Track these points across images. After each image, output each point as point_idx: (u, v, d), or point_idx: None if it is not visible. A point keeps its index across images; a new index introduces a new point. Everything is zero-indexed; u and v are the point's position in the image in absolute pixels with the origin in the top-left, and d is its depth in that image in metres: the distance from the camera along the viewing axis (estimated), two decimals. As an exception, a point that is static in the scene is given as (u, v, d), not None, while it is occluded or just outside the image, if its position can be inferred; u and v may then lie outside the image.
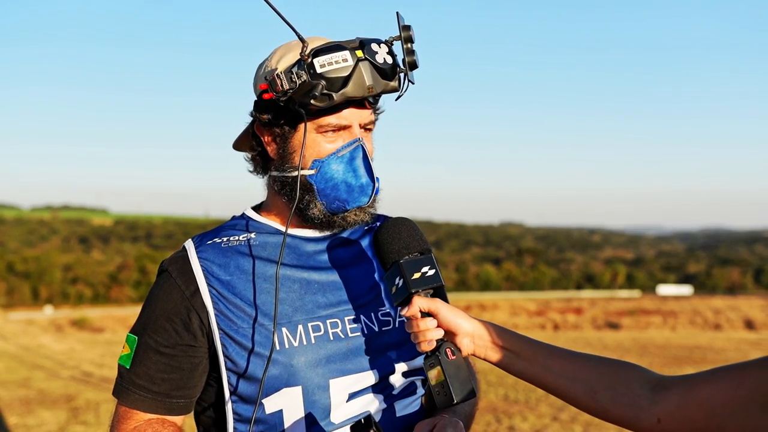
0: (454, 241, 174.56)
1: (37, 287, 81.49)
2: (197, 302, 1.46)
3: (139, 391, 1.47)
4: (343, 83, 1.40)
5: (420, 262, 1.39)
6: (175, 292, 1.47)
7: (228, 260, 1.50)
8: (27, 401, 11.62)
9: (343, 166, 1.48)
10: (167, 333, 1.46)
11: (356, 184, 1.49)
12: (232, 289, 1.47)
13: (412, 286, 1.36)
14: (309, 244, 1.55)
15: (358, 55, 1.42)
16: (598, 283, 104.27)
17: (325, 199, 1.50)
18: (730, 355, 24.39)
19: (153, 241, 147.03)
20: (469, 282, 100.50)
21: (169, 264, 1.52)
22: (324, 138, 1.49)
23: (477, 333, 1.39)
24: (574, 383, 1.35)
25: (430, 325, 1.37)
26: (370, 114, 1.53)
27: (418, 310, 1.37)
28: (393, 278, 1.40)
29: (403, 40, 1.46)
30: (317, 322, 1.49)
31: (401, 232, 1.43)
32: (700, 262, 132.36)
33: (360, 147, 1.49)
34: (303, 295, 1.50)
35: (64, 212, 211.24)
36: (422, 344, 1.37)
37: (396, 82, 1.48)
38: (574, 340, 32.34)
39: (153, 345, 1.47)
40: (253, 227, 1.57)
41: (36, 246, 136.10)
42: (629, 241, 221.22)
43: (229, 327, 1.45)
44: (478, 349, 1.40)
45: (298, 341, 1.45)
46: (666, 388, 1.27)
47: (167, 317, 1.47)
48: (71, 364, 17.49)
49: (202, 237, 1.56)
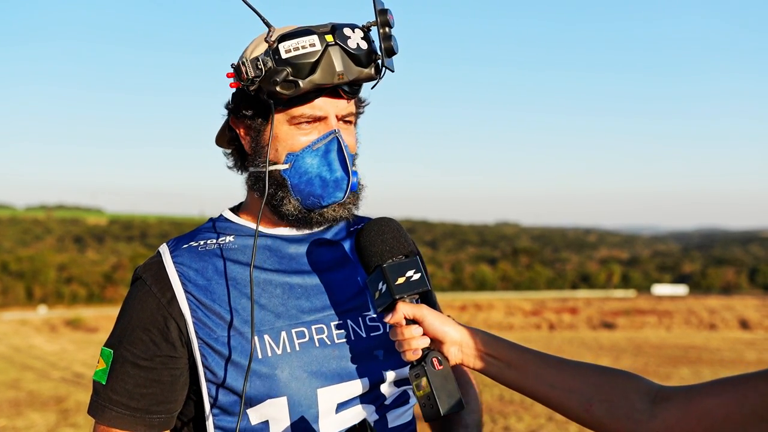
0: (450, 240, 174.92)
1: (31, 287, 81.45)
2: (174, 310, 1.38)
3: (117, 408, 1.39)
4: (311, 69, 1.33)
5: (404, 265, 1.32)
6: (150, 300, 1.40)
7: (205, 264, 1.42)
8: (16, 403, 11.54)
9: (318, 159, 1.40)
10: (144, 344, 1.38)
11: (330, 179, 1.41)
12: (209, 295, 1.39)
13: (396, 292, 1.29)
14: (291, 246, 1.48)
15: (328, 40, 1.34)
16: (593, 282, 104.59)
17: (299, 195, 1.42)
18: (725, 354, 24.41)
19: (148, 241, 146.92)
20: (465, 282, 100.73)
21: (143, 271, 1.44)
22: (298, 130, 1.41)
23: (465, 341, 1.33)
24: (568, 394, 1.29)
25: (416, 333, 1.30)
26: (349, 105, 1.44)
27: (403, 317, 1.31)
28: (376, 283, 1.33)
29: (379, 24, 1.38)
30: (301, 327, 1.41)
31: (384, 233, 1.36)
32: (695, 262, 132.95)
33: (336, 139, 1.41)
34: (286, 300, 1.42)
35: (58, 212, 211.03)
36: (407, 353, 1.31)
37: (372, 69, 1.39)
38: (569, 340, 32.35)
39: (130, 358, 1.39)
40: (231, 229, 1.50)
41: (30, 245, 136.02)
42: (624, 241, 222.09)
43: (208, 335, 1.37)
44: (467, 359, 1.33)
45: (281, 349, 1.38)
46: (666, 400, 1.21)
47: (144, 327, 1.39)
48: (62, 365, 17.41)
49: (178, 241, 1.48)
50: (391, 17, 1.39)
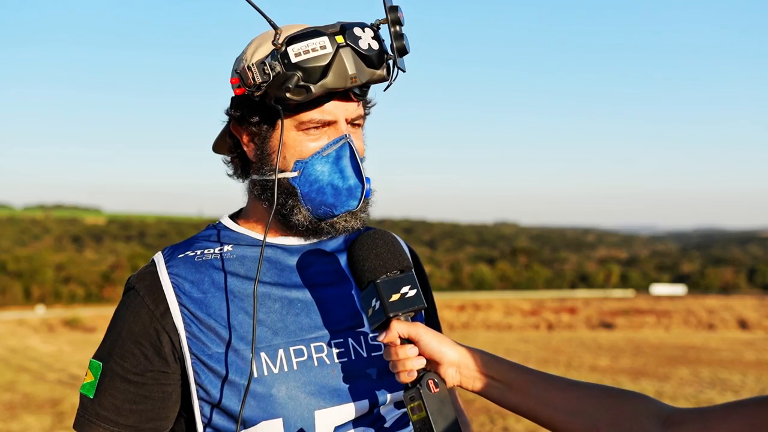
0: (448, 240, 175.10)
1: (29, 287, 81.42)
2: (168, 323, 1.32)
3: (104, 424, 1.33)
4: (323, 73, 1.26)
5: (399, 281, 1.25)
6: (143, 312, 1.34)
7: (201, 276, 1.36)
8: (11, 405, 11.47)
9: (329, 166, 1.34)
10: (136, 358, 1.33)
11: (343, 187, 1.35)
12: (205, 308, 1.33)
13: (390, 309, 1.23)
14: (292, 257, 1.40)
15: (339, 41, 1.28)
16: (592, 282, 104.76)
17: (310, 204, 1.36)
18: (724, 355, 24.37)
19: (146, 241, 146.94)
20: (464, 281, 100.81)
21: (136, 280, 1.37)
22: (307, 136, 1.34)
23: (463, 362, 1.26)
24: (574, 417, 1.22)
25: (410, 353, 1.23)
26: (358, 107, 1.37)
27: (397, 336, 1.24)
28: (369, 300, 1.26)
29: (390, 22, 1.32)
30: (300, 345, 1.34)
31: (377, 246, 1.29)
32: (693, 262, 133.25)
33: (347, 145, 1.35)
34: (284, 316, 1.35)
35: (56, 211, 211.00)
36: (402, 375, 1.24)
37: (384, 70, 1.33)
38: (568, 340, 32.32)
39: (120, 372, 1.33)
40: (231, 238, 1.42)
41: (28, 245, 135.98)
42: (623, 241, 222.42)
43: (202, 352, 1.31)
44: (465, 381, 1.26)
45: (278, 368, 1.31)
46: (678, 425, 1.15)
47: (135, 340, 1.33)
48: (58, 366, 17.35)
49: (174, 250, 1.41)
50: (402, 14, 1.32)
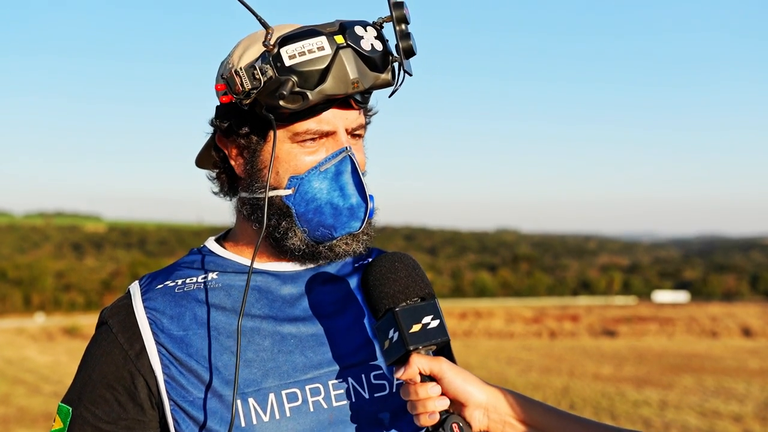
0: (450, 247, 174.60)
1: (29, 294, 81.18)
2: (144, 365, 1.19)
3: None
4: (321, 78, 1.12)
5: (420, 310, 1.12)
6: (116, 351, 1.21)
7: (182, 310, 1.22)
8: (5, 419, 11.25)
9: (328, 183, 1.21)
10: (108, 404, 1.20)
11: (344, 206, 1.21)
12: (186, 348, 1.19)
13: (411, 342, 1.10)
14: (285, 286, 1.27)
15: (338, 42, 1.14)
16: (593, 289, 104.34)
17: (306, 226, 1.22)
18: (728, 363, 24.12)
19: (146, 248, 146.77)
20: (465, 289, 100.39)
21: (109, 315, 1.24)
22: (302, 149, 1.20)
23: (492, 404, 1.13)
24: None
25: (432, 392, 1.10)
26: (359, 116, 1.24)
27: (418, 373, 1.11)
28: (386, 330, 1.14)
29: (395, 20, 1.18)
30: (294, 389, 1.20)
31: (397, 270, 1.16)
32: (695, 269, 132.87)
33: (348, 158, 1.21)
34: (276, 354, 1.21)
35: (56, 219, 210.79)
36: (422, 417, 1.10)
37: (388, 74, 1.20)
38: (570, 348, 32.06)
39: (90, 420, 1.20)
40: (215, 265, 1.28)
41: (28, 252, 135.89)
42: (625, 248, 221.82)
43: (182, 397, 1.18)
44: (493, 425, 1.14)
45: (269, 415, 1.18)
46: None
47: (107, 384, 1.20)
48: (55, 378, 17.11)
49: (152, 279, 1.28)
50: (408, 11, 1.18)
